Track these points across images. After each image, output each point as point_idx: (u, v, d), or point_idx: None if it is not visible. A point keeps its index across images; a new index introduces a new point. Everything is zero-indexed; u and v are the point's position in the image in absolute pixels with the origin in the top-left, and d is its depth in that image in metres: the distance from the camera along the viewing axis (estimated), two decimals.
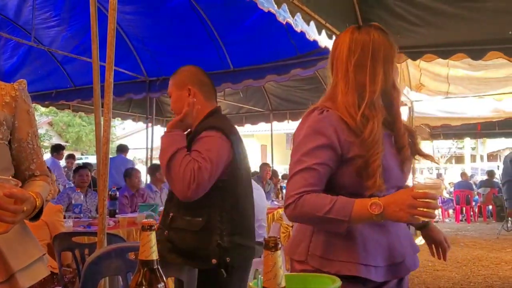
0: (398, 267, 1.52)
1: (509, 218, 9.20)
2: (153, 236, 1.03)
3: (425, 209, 1.33)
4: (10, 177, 1.45)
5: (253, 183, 2.66)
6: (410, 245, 1.63)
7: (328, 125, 1.48)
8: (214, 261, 2.05)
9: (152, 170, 6.17)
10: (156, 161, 2.77)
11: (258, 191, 3.92)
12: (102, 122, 2.65)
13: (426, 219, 1.41)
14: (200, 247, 2.07)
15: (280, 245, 0.89)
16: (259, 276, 1.02)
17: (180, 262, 2.05)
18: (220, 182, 2.08)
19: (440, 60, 4.84)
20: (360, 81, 1.53)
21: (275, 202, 7.06)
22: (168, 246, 2.10)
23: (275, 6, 3.12)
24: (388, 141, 1.57)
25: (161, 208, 2.83)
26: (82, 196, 4.92)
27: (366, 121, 1.48)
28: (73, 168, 9.07)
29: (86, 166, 6.10)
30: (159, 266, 1.05)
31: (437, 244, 1.77)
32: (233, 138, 2.15)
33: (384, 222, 1.44)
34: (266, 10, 3.32)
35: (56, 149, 8.46)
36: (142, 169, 7.20)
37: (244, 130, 11.41)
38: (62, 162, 9.12)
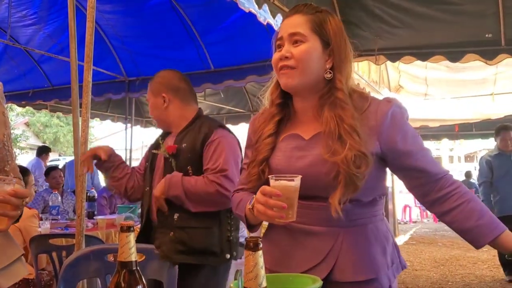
0: None
1: None
2: (132, 237, 1.01)
3: (262, 206, 1.20)
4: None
5: None
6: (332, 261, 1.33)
7: (252, 125, 1.52)
8: (227, 256, 2.13)
9: None
10: (135, 163, 2.73)
11: None
12: (80, 123, 2.61)
13: (278, 220, 1.20)
14: (213, 243, 2.11)
15: (261, 245, 0.88)
16: (240, 276, 1.01)
17: (191, 262, 2.06)
18: None
19: (419, 62, 4.89)
20: None
21: None
22: (177, 248, 2.08)
23: (256, 6, 3.12)
24: (293, 142, 1.38)
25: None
26: (59, 198, 4.84)
27: None
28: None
29: (56, 167, 6.04)
30: (138, 267, 1.03)
31: None
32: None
33: (293, 227, 1.32)
34: (247, 11, 3.31)
35: (45, 151, 8.47)
36: None
37: None
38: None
